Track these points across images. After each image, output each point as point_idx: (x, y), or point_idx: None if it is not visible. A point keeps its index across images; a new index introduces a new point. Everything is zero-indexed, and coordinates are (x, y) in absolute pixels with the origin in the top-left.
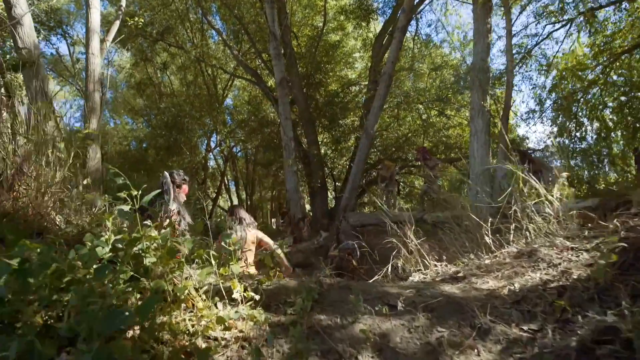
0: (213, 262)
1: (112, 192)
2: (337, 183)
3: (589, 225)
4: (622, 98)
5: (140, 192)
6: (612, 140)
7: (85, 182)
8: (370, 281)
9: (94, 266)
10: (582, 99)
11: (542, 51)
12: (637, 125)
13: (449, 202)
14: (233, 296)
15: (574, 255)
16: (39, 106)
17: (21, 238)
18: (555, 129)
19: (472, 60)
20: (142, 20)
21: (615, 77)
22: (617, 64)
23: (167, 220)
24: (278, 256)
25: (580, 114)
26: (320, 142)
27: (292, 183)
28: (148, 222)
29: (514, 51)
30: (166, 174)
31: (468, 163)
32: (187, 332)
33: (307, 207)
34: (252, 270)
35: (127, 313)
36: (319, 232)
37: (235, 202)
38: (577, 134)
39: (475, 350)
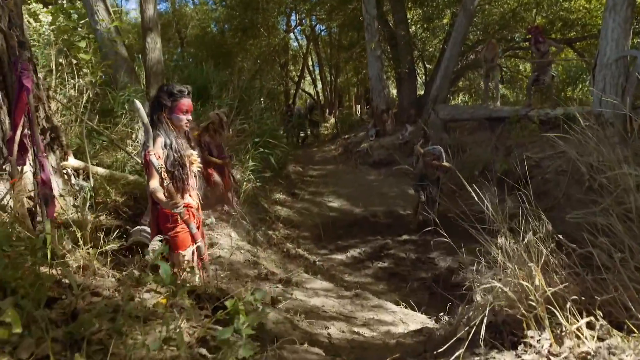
0: None
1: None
2: (428, 66)
3: None
4: None
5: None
6: None
7: None
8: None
9: None
10: None
11: None
12: None
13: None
14: None
15: None
16: None
17: None
18: None
19: None
20: None
21: None
22: None
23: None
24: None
25: None
26: (409, 20)
27: (375, 70)
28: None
29: None
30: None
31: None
32: None
33: (394, 92)
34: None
35: None
36: (405, 125)
37: (320, 86)
38: None
39: None
